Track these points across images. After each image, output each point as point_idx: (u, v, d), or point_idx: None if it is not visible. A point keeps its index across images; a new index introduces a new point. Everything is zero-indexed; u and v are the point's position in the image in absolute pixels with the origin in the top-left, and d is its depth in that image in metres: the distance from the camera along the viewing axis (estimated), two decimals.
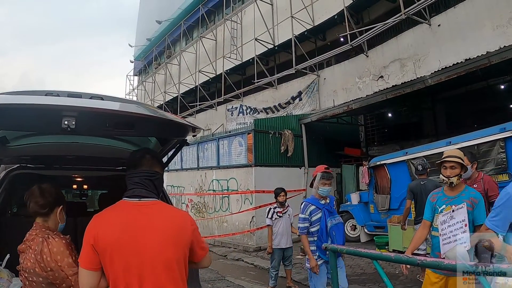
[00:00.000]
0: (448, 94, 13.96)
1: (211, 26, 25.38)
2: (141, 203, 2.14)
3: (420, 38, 13.65)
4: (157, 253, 2.03)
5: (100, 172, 4.63)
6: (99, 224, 2.11)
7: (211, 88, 26.06)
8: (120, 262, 2.00)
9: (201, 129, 2.92)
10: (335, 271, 3.42)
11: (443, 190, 3.90)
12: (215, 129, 22.06)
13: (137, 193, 2.17)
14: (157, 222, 2.09)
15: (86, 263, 2.06)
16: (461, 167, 3.76)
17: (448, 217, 3.57)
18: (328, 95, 17.36)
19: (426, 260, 2.73)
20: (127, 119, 2.31)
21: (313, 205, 5.04)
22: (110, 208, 2.22)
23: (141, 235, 2.03)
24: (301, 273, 8.80)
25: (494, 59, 8.86)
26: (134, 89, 37.35)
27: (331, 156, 15.92)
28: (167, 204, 2.27)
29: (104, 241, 2.02)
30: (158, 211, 2.14)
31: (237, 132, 14.59)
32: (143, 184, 2.19)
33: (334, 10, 16.27)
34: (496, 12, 11.34)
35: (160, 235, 2.06)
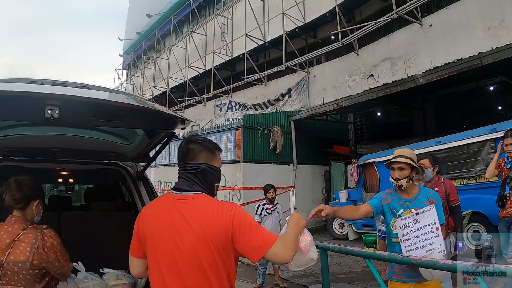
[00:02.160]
0: (438, 94, 13.95)
1: (201, 21, 25.02)
2: (181, 196, 2.03)
3: (411, 38, 13.62)
4: (187, 253, 1.91)
5: (86, 166, 4.46)
6: (143, 214, 2.14)
7: (200, 84, 25.89)
8: (153, 255, 2.00)
9: (190, 121, 2.81)
10: (326, 270, 3.26)
11: (396, 192, 3.49)
12: (203, 125, 21.82)
13: (178, 186, 2.07)
14: (191, 217, 1.94)
15: (132, 250, 2.14)
16: (411, 168, 3.37)
17: (410, 221, 3.23)
18: (317, 92, 17.28)
19: (421, 259, 2.57)
20: (114, 110, 2.25)
21: None
22: (158, 199, 2.23)
23: (173, 231, 1.94)
24: (289, 271, 8.49)
25: (486, 59, 8.89)
26: (123, 83, 36.84)
27: (320, 154, 15.96)
28: (210, 198, 2.07)
29: (144, 232, 2.03)
30: (194, 206, 1.99)
31: (226, 128, 14.51)
32: (184, 178, 2.08)
33: (325, 8, 16.15)
34: (487, 14, 11.35)
35: (192, 233, 1.91)
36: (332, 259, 8.69)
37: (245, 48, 19.98)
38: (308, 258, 2.29)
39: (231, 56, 21.87)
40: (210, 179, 2.12)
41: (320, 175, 15.92)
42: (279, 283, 7.65)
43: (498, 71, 10.85)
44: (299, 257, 2.25)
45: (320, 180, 15.89)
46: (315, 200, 14.97)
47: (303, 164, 15.11)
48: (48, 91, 2.05)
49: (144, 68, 31.26)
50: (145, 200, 3.92)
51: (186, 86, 24.95)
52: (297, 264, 2.31)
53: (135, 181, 4.14)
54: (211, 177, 2.13)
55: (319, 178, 15.87)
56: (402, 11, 12.41)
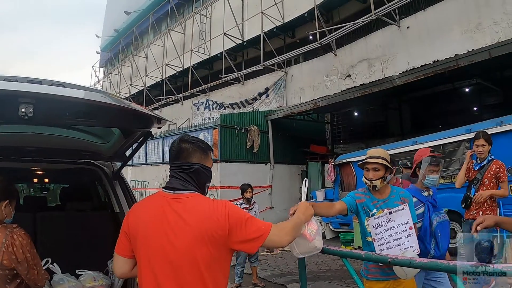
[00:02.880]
0: (415, 95, 14.09)
1: (180, 19, 24.73)
2: (175, 195, 2.00)
3: (388, 39, 13.67)
4: (182, 251, 1.88)
5: (62, 165, 4.34)
6: (133, 211, 2.11)
7: (178, 82, 25.52)
8: (144, 254, 1.94)
9: (166, 121, 2.77)
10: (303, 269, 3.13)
11: (369, 192, 3.45)
12: (180, 124, 21.74)
13: (172, 185, 2.04)
14: (187, 216, 1.92)
15: (119, 249, 2.07)
16: (385, 169, 3.35)
17: (384, 220, 3.20)
18: (295, 92, 17.24)
19: (397, 258, 2.49)
20: (89, 108, 2.21)
21: (414, 197, 3.72)
22: (149, 198, 2.16)
23: (168, 230, 1.91)
24: (266, 270, 8.69)
25: (462, 61, 9.11)
26: (100, 81, 36.26)
27: (297, 153, 15.99)
28: (203, 197, 2.06)
29: (134, 231, 1.99)
30: (189, 205, 1.97)
31: (203, 127, 14.46)
32: (177, 177, 2.06)
33: (304, 8, 16.10)
34: (464, 17, 11.44)
35: (186, 232, 1.89)
36: (310, 257, 8.55)
37: (223, 47, 19.79)
38: (312, 246, 2.43)
39: (209, 55, 21.66)
40: (202, 179, 2.12)
41: (297, 174, 15.91)
42: (257, 283, 7.60)
43: (474, 73, 10.98)
44: (304, 244, 2.42)
45: (297, 180, 15.86)
46: (292, 199, 14.94)
47: (280, 164, 15.10)
48: (22, 89, 2.03)
49: (121, 66, 30.77)
50: (121, 200, 3.87)
51: (163, 85, 24.71)
52: (302, 251, 2.48)
53: (111, 180, 4.07)
54: (204, 177, 2.13)
55: (296, 177, 15.85)
56: (380, 13, 12.44)
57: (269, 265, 9.16)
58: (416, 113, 15.39)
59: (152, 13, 26.42)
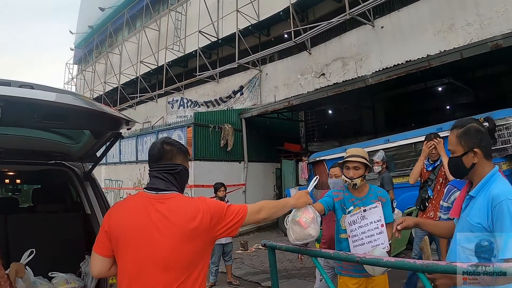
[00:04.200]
0: (388, 94, 14.17)
1: (155, 16, 24.28)
2: (158, 196, 2.03)
3: (363, 39, 13.66)
4: (169, 250, 1.91)
5: (32, 167, 4.27)
6: (116, 211, 2.09)
7: (152, 80, 25.09)
8: (128, 253, 1.94)
9: (135, 123, 2.79)
10: (274, 268, 3.12)
11: (348, 190, 3.57)
12: (155, 122, 21.45)
13: (155, 185, 2.06)
14: (173, 216, 1.96)
15: (98, 248, 2.04)
16: (365, 168, 3.47)
17: (358, 218, 3.29)
18: (269, 90, 17.12)
19: (365, 257, 2.41)
20: (57, 111, 2.20)
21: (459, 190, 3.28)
22: (130, 198, 2.16)
23: (152, 230, 1.93)
24: (241, 268, 8.70)
25: (434, 62, 9.20)
26: (73, 78, 35.25)
27: (271, 151, 15.88)
28: (186, 197, 2.10)
29: (116, 231, 1.98)
30: (173, 205, 2.01)
31: (177, 125, 14.15)
32: (161, 178, 2.08)
33: (279, 7, 16.04)
34: (438, 18, 11.52)
35: (172, 232, 1.93)
36: (284, 255, 8.67)
37: (198, 45, 19.53)
38: (307, 233, 2.52)
39: (183, 53, 21.39)
40: (184, 179, 2.19)
41: (271, 172, 15.85)
42: (232, 281, 7.61)
43: (446, 73, 11.06)
44: (299, 231, 2.54)
45: (271, 177, 15.83)
46: (266, 197, 14.84)
47: (254, 162, 14.95)
48: None
49: (96, 63, 30.03)
50: (93, 202, 3.84)
51: (138, 82, 24.15)
52: (296, 237, 2.58)
53: (82, 181, 4.03)
54: (185, 178, 2.21)
55: (270, 175, 15.79)
56: (354, 13, 12.42)
57: (244, 264, 9.14)
58: (389, 111, 15.49)
59: (127, 9, 25.90)
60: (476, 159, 2.13)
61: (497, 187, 2.05)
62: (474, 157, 2.13)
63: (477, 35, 10.37)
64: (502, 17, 10.11)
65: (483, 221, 2.00)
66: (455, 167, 2.25)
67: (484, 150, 2.14)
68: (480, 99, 12.90)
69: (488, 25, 10.34)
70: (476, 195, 2.12)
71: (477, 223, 2.03)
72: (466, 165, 2.16)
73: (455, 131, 2.21)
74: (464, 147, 2.16)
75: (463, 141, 2.16)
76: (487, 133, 2.19)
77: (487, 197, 2.03)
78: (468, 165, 2.16)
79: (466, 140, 2.15)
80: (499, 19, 10.17)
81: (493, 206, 1.97)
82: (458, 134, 2.19)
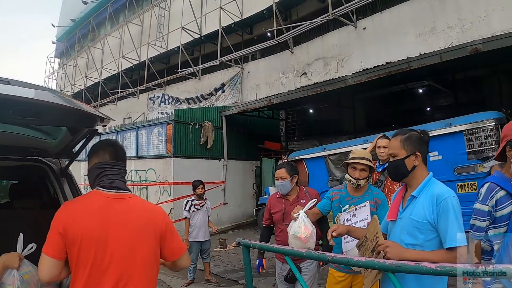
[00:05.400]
0: (369, 95, 14.19)
1: (138, 11, 23.84)
2: (119, 195, 2.05)
3: (345, 39, 13.63)
4: (131, 249, 1.95)
5: (8, 162, 4.03)
6: (72, 212, 1.98)
7: (134, 76, 24.75)
8: (89, 255, 1.89)
9: (110, 120, 2.70)
10: (248, 267, 3.14)
11: (346, 189, 3.72)
12: (136, 118, 21.22)
13: (115, 184, 2.07)
14: (133, 216, 2.01)
15: (50, 251, 1.92)
16: (369, 170, 3.62)
17: (350, 215, 3.48)
18: (251, 88, 17.00)
19: (336, 257, 2.52)
20: (32, 107, 2.13)
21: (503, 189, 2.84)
22: (84, 197, 2.15)
23: (116, 230, 1.94)
24: (219, 266, 8.76)
25: (414, 64, 9.14)
26: (54, 72, 34.56)
27: (251, 149, 15.75)
28: (141, 199, 2.20)
29: (76, 232, 1.90)
30: (134, 205, 2.07)
31: (157, 122, 13.94)
32: (121, 177, 2.13)
33: (263, 5, 15.93)
34: (419, 21, 11.57)
35: (136, 229, 1.99)
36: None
37: (180, 41, 19.30)
38: (306, 246, 3.01)
39: (166, 49, 21.14)
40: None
41: (251, 170, 15.75)
42: (210, 279, 7.64)
43: (427, 75, 11.09)
44: (299, 245, 2.98)
45: (251, 176, 15.72)
46: (246, 195, 15.03)
47: (234, 160, 14.82)
48: None
49: (77, 57, 29.43)
50: (69, 198, 3.68)
51: (119, 78, 23.75)
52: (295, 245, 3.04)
53: (59, 178, 3.88)
54: None
55: (250, 173, 15.68)
56: (337, 13, 12.41)
57: (222, 261, 9.17)
58: (369, 112, 15.53)
59: (110, 3, 25.44)
60: (417, 161, 2.34)
61: (439, 187, 2.29)
62: (416, 160, 2.34)
63: (458, 39, 10.39)
64: (483, 21, 10.16)
65: (428, 217, 2.20)
66: (397, 169, 2.41)
67: (423, 155, 2.37)
68: (460, 102, 12.97)
69: (469, 29, 10.38)
70: (418, 195, 2.31)
71: (421, 219, 2.22)
72: (408, 167, 2.34)
73: (398, 137, 2.40)
74: (407, 151, 2.34)
75: (406, 145, 2.35)
76: (425, 143, 2.41)
77: (429, 196, 2.25)
78: (410, 167, 2.34)
79: (409, 144, 2.35)
80: (480, 23, 10.22)
81: (438, 202, 2.19)
82: (401, 139, 2.37)
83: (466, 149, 7.60)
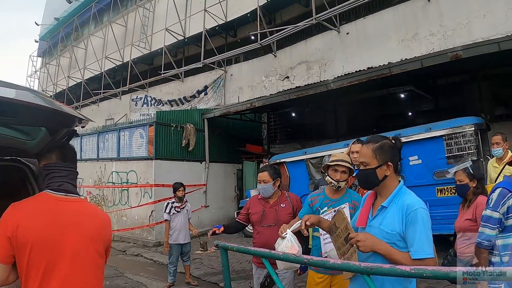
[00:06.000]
0: (351, 99, 14.16)
1: (123, 12, 23.50)
2: (69, 199, 2.02)
3: (328, 44, 13.61)
4: (83, 251, 1.96)
5: None
6: (20, 215, 1.91)
7: (117, 76, 24.46)
8: (41, 258, 1.86)
9: (88, 121, 2.70)
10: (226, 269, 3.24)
11: (324, 192, 3.73)
12: (118, 119, 20.93)
13: (64, 187, 2.03)
14: (84, 220, 2.01)
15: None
16: (349, 172, 3.64)
17: (329, 218, 3.33)
18: (234, 91, 16.88)
19: (312, 259, 2.55)
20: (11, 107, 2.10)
21: None
22: (33, 200, 2.05)
23: (68, 233, 1.93)
24: (200, 269, 8.68)
25: (395, 69, 9.15)
26: (37, 71, 33.99)
27: (233, 152, 15.66)
28: (90, 204, 2.23)
29: (26, 236, 1.85)
30: (84, 209, 2.07)
31: (139, 123, 13.72)
32: (70, 179, 2.08)
33: (247, 8, 15.87)
34: (402, 27, 11.62)
35: (87, 234, 1.99)
36: (244, 256, 8.69)
37: (164, 43, 19.04)
38: (293, 266, 3.19)
39: (149, 50, 20.91)
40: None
41: (233, 173, 15.63)
42: (190, 281, 7.59)
43: (408, 80, 11.14)
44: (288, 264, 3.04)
45: (232, 178, 15.60)
46: (227, 198, 14.91)
47: (216, 162, 14.67)
48: None
49: (60, 56, 28.94)
50: None
51: (102, 78, 23.42)
52: (285, 267, 3.18)
53: (37, 178, 3.84)
54: None
55: (231, 176, 15.56)
56: (321, 18, 12.40)
57: (202, 264, 9.11)
58: (352, 116, 15.54)
59: (95, 3, 25.02)
60: (388, 171, 2.30)
61: (409, 198, 2.24)
62: (387, 170, 2.29)
63: (439, 45, 10.47)
64: (465, 29, 10.24)
65: (397, 228, 2.17)
66: (368, 178, 2.36)
67: (395, 164, 2.33)
68: (441, 107, 13.05)
69: (451, 36, 10.45)
70: (388, 205, 2.27)
71: (391, 230, 2.19)
72: (379, 177, 2.29)
73: (370, 145, 2.33)
74: (379, 160, 2.29)
75: (378, 154, 2.30)
76: (397, 151, 2.38)
77: (399, 207, 2.21)
78: (381, 177, 2.30)
79: (381, 154, 2.29)
80: (461, 30, 10.30)
81: (407, 213, 2.16)
82: (373, 148, 2.31)
83: (445, 153, 7.68)
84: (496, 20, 9.65)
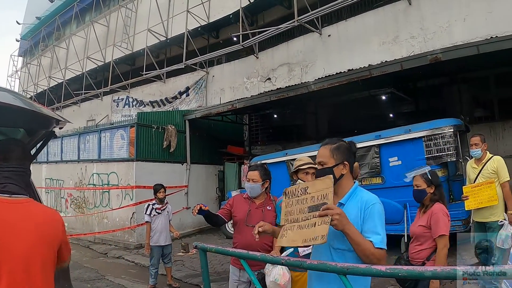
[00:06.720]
0: (332, 100, 14.20)
1: (105, 11, 23.17)
2: (13, 200, 1.92)
3: (309, 46, 13.60)
4: (30, 253, 1.86)
5: None
6: None
7: (98, 77, 23.98)
8: None
9: (66, 122, 2.68)
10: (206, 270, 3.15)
11: None
12: (99, 120, 20.58)
13: (8, 188, 1.94)
14: (30, 221, 1.91)
15: None
16: None
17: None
18: (215, 92, 16.75)
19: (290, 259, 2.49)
20: None
21: None
22: None
23: (13, 235, 1.83)
24: (181, 270, 8.64)
25: (375, 71, 9.23)
26: (18, 71, 33.26)
27: (214, 153, 15.55)
28: (38, 203, 2.12)
29: None
30: (30, 210, 1.96)
31: (120, 124, 13.47)
32: (14, 180, 1.98)
33: (230, 9, 15.75)
34: (383, 29, 11.67)
35: (33, 235, 1.89)
36: (225, 257, 8.49)
37: (146, 43, 18.74)
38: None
39: (131, 50, 20.58)
40: (30, 184, 2.22)
41: (214, 174, 15.51)
42: (172, 283, 7.54)
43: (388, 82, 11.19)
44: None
45: (214, 180, 15.48)
46: (209, 200, 14.70)
47: (197, 164, 14.52)
48: None
49: (41, 56, 28.33)
50: None
51: (83, 79, 22.96)
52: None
53: None
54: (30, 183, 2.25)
55: (212, 177, 15.44)
56: (303, 20, 12.35)
57: (184, 266, 9.06)
58: (333, 117, 15.57)
59: (77, 2, 24.54)
60: (345, 170, 2.39)
61: (366, 194, 2.37)
62: (344, 169, 2.39)
63: (420, 48, 10.52)
64: (446, 32, 10.30)
65: (355, 223, 2.21)
66: None
67: (351, 165, 2.43)
68: (421, 109, 13.15)
69: (432, 39, 10.51)
70: (345, 202, 2.36)
71: None
72: (336, 176, 2.35)
73: (328, 146, 2.43)
74: (336, 160, 2.38)
75: (335, 154, 2.39)
76: (353, 153, 2.48)
77: (357, 203, 2.32)
78: (337, 176, 2.37)
79: (337, 154, 2.39)
80: (442, 33, 10.36)
81: (365, 208, 2.27)
82: (331, 149, 2.41)
83: (425, 154, 7.75)
84: (476, 23, 9.71)
